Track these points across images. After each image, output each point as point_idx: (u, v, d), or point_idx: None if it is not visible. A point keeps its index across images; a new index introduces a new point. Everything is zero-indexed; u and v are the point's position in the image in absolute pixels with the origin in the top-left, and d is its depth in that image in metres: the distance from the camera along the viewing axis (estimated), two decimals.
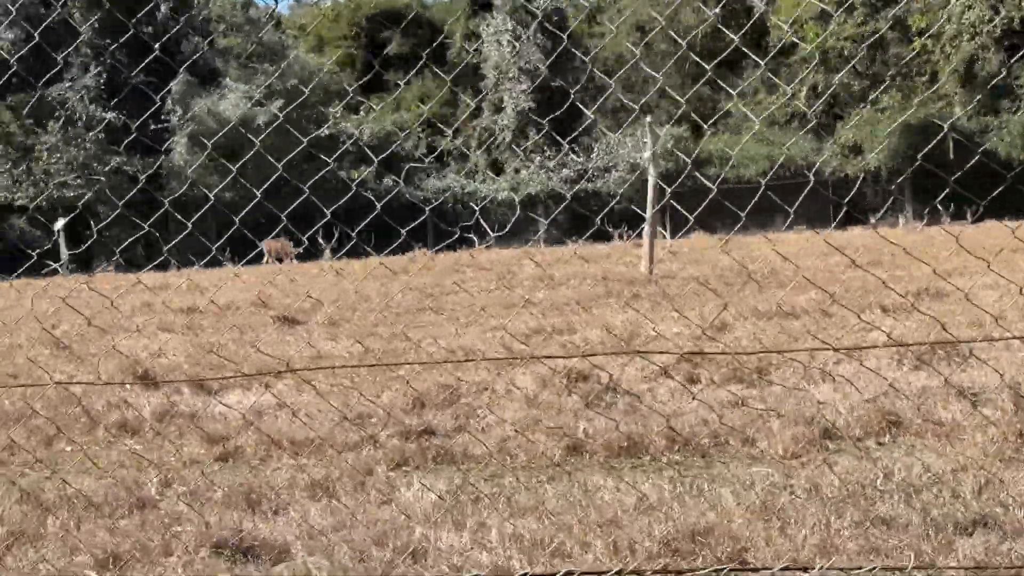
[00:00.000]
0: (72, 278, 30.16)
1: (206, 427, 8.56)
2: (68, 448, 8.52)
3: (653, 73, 42.06)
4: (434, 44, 43.85)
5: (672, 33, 51.65)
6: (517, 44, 40.31)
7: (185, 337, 15.77)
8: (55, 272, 27.84)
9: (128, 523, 6.06)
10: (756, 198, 6.22)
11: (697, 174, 7.66)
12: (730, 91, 48.63)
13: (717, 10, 48.30)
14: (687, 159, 12.21)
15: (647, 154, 20.11)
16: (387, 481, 6.82)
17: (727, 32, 26.29)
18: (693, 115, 41.75)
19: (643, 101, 37.55)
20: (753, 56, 6.42)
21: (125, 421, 9.02)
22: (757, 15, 52.35)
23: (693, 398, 8.38)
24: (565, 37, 38.87)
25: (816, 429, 7.20)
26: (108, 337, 16.13)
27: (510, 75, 40.85)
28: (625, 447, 7.21)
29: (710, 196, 6.27)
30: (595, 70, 34.83)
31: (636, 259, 23.26)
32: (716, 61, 7.28)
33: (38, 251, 7.08)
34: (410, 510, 6.03)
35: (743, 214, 7.25)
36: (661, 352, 9.61)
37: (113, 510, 6.36)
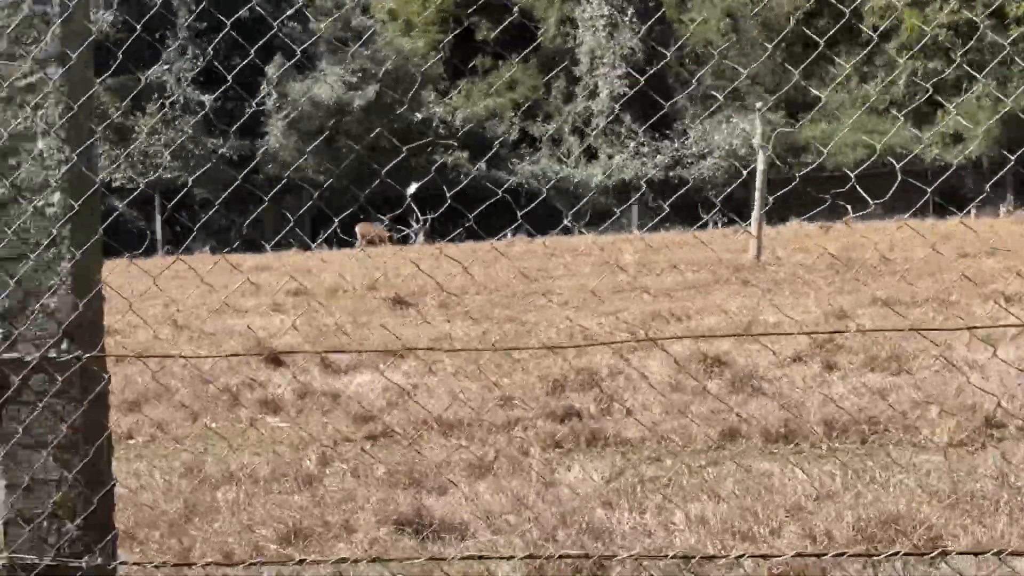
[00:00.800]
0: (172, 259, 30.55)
1: (350, 406, 8.62)
2: (214, 424, 8.62)
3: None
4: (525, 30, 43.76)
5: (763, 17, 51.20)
6: (613, 29, 40.10)
7: (300, 318, 15.89)
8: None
9: (300, 499, 6.11)
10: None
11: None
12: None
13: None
14: (778, 146, 12.08)
15: (756, 140, 19.91)
16: (545, 463, 6.81)
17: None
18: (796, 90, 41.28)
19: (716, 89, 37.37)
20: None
21: (266, 399, 9.10)
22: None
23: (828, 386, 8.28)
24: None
25: (979, 416, 7.06)
26: (223, 317, 16.37)
27: (605, 60, 40.66)
28: (782, 433, 7.12)
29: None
30: (687, 61, 34.55)
31: (739, 245, 23.06)
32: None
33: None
34: (578, 491, 6.02)
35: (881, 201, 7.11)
36: (823, 333, 9.48)
37: (281, 486, 6.42)
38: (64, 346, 3.43)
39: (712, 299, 15.75)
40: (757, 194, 19.38)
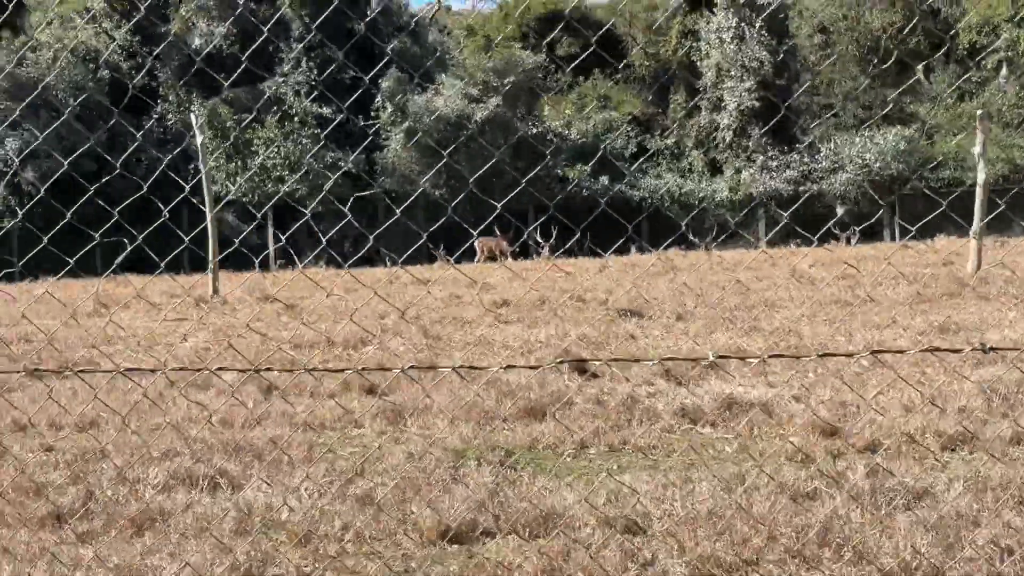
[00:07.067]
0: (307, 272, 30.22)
1: (775, 414, 8.13)
2: (635, 437, 8.11)
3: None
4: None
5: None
6: (740, 42, 39.55)
7: (536, 328, 15.40)
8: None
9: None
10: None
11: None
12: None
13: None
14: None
15: (977, 149, 19.33)
16: None
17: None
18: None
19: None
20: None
21: (683, 409, 8.63)
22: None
23: None
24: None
25: None
26: (448, 326, 15.93)
27: (731, 73, 40.09)
28: None
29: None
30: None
31: (925, 259, 22.58)
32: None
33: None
34: None
35: None
36: None
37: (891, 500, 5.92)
38: None
39: (969, 311, 15.22)
40: (978, 205, 18.76)
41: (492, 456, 7.30)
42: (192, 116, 20.54)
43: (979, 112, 19.71)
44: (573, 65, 41.92)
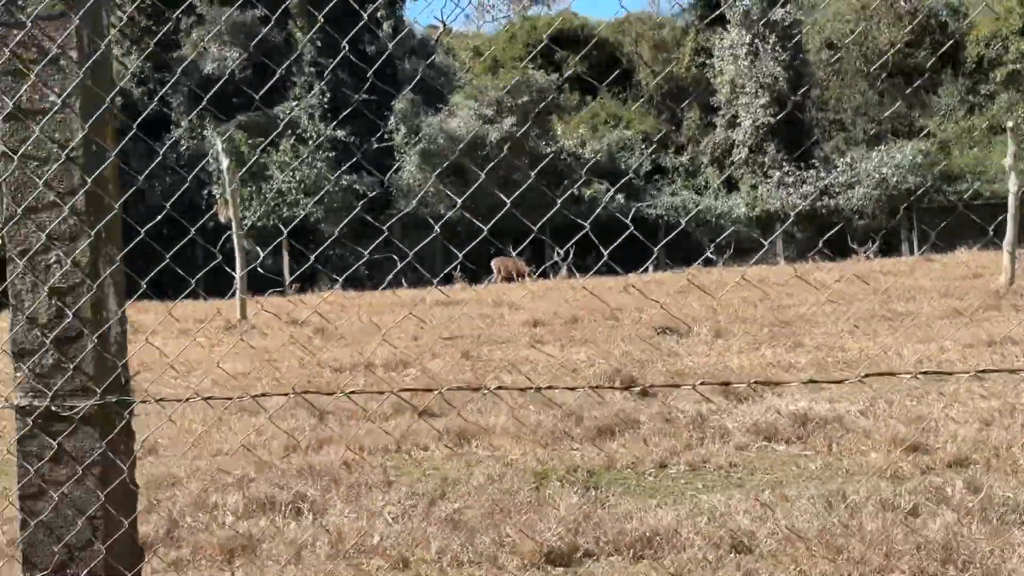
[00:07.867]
0: (330, 295, 30.10)
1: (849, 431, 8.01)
2: (713, 456, 7.97)
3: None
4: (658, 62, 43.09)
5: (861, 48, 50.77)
6: (754, 58, 39.42)
7: (574, 347, 15.28)
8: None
9: None
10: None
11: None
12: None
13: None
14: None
15: (1008, 161, 19.21)
16: None
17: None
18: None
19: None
20: None
21: (756, 426, 8.50)
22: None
23: None
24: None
25: None
26: (487, 348, 15.80)
27: (746, 89, 39.97)
28: None
29: None
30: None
31: (952, 272, 22.47)
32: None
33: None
34: None
35: None
36: None
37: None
38: None
39: (1010, 324, 15.08)
40: (1011, 217, 18.64)
41: (573, 476, 7.18)
42: (217, 141, 20.43)
43: (1009, 124, 19.60)
44: (560, 85, 41.91)
